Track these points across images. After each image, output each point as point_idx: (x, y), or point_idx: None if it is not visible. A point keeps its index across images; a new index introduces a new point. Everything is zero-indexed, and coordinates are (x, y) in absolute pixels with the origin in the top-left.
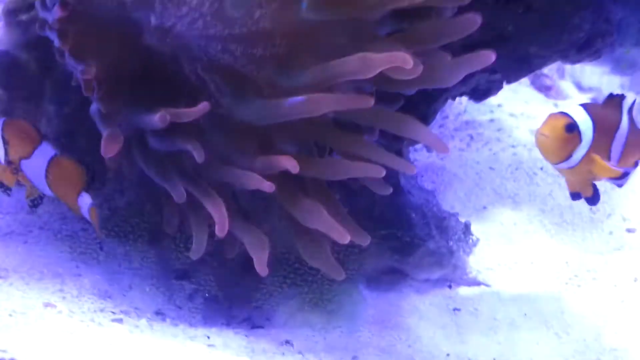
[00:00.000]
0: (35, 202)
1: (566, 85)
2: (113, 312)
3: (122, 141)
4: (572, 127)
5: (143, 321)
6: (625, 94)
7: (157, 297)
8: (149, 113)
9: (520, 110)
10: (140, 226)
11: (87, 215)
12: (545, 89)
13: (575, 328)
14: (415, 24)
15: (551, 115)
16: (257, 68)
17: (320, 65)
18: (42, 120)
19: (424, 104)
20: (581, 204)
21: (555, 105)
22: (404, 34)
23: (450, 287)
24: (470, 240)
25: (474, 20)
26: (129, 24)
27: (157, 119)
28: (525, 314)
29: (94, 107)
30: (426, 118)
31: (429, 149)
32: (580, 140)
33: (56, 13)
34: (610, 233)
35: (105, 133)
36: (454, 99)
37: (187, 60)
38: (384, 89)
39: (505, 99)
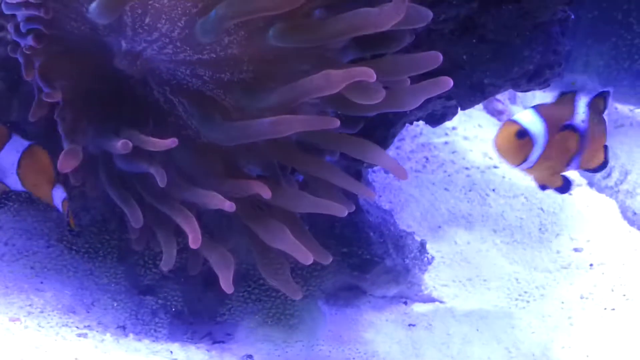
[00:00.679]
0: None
1: (517, 110)
2: (78, 327)
3: (80, 158)
4: (522, 134)
5: (107, 336)
6: (577, 91)
7: (123, 313)
8: (115, 136)
9: (474, 134)
10: (104, 243)
11: (59, 207)
12: (497, 113)
13: (524, 343)
14: (377, 51)
15: (504, 123)
16: (224, 92)
17: (286, 86)
18: None
19: (383, 128)
20: (530, 224)
21: None
22: (367, 62)
23: (406, 303)
24: (426, 259)
25: (437, 58)
26: (100, 48)
27: (120, 146)
28: (478, 329)
29: (59, 127)
30: (385, 141)
31: (386, 170)
32: (533, 142)
33: (30, 42)
34: (558, 252)
35: (65, 149)
36: (411, 123)
37: (156, 84)
38: (345, 113)
39: (460, 122)
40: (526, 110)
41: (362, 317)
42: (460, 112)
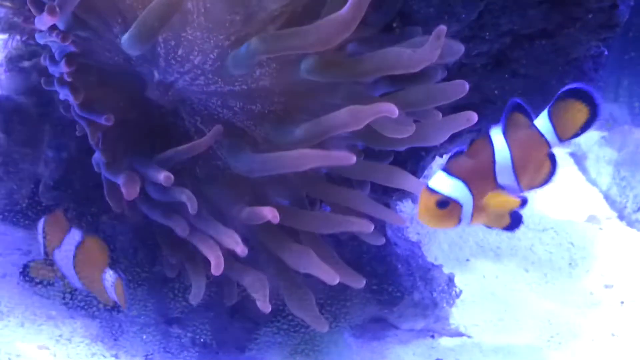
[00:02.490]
0: (69, 295)
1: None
2: (104, 356)
3: (139, 183)
4: (444, 203)
5: None
6: (489, 129)
7: (151, 344)
8: (152, 165)
9: None
10: (135, 274)
11: (112, 293)
12: None
13: None
14: (407, 86)
15: (422, 195)
16: (255, 123)
17: (313, 121)
18: (40, 164)
19: (413, 161)
20: (560, 258)
21: None
22: (396, 95)
23: (433, 337)
24: (454, 292)
25: (463, 87)
26: (133, 78)
27: (162, 178)
28: None
29: (96, 156)
30: (414, 174)
31: (414, 201)
32: (459, 204)
33: (63, 68)
34: (588, 288)
35: (122, 179)
36: (441, 156)
37: (187, 114)
38: (375, 147)
39: None
40: (438, 173)
41: (389, 350)
42: None
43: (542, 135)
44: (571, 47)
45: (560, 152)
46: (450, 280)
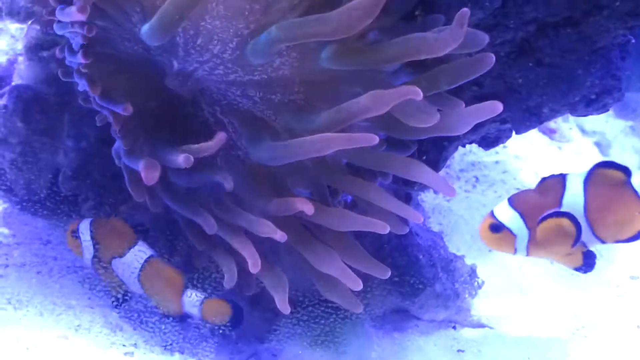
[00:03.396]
0: (120, 300)
1: (570, 128)
2: (124, 345)
3: (159, 168)
4: (496, 228)
5: (154, 355)
6: (566, 173)
7: (170, 334)
8: (171, 152)
9: (525, 153)
10: None
11: (193, 311)
12: (549, 132)
13: None
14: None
15: (485, 218)
16: (275, 113)
17: (334, 108)
18: (59, 154)
19: (435, 151)
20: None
21: (559, 148)
22: (418, 81)
23: (454, 328)
24: (476, 283)
25: (490, 59)
26: (153, 68)
27: (182, 160)
28: (529, 358)
29: (117, 145)
30: (436, 164)
31: (436, 191)
32: (513, 234)
33: (79, 59)
34: (614, 280)
35: (142, 164)
36: (464, 146)
37: (206, 103)
38: (397, 136)
39: (510, 140)
40: (503, 202)
41: (410, 341)
42: None
43: (637, 194)
44: (597, 35)
45: (585, 141)
46: (473, 271)
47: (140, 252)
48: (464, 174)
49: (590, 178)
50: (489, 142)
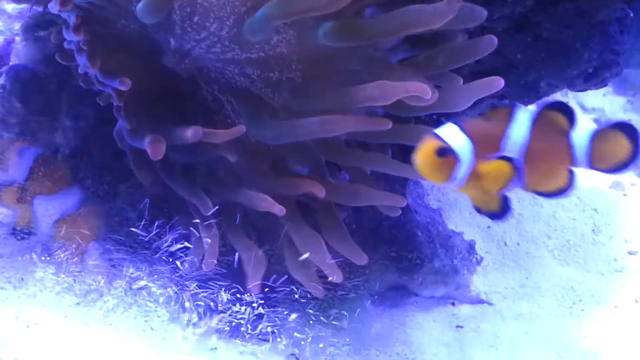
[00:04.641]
0: (20, 234)
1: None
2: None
3: (165, 143)
4: (444, 151)
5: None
6: (516, 104)
7: (174, 313)
8: (175, 128)
9: None
10: (152, 241)
11: None
12: None
13: (576, 348)
14: (428, 51)
15: (425, 139)
16: (273, 91)
17: (339, 90)
18: (57, 133)
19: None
20: (583, 225)
21: None
22: (417, 59)
23: (453, 304)
24: (474, 260)
25: (492, 42)
26: (150, 46)
27: (190, 133)
28: (527, 333)
29: (120, 125)
30: None
31: None
32: (457, 160)
33: (73, 36)
34: (612, 255)
35: (147, 140)
36: None
37: (204, 82)
38: (395, 114)
39: None
40: (449, 124)
41: (409, 317)
42: None
43: (572, 147)
44: (595, 9)
45: (584, 118)
46: (471, 247)
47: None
48: None
49: (538, 118)
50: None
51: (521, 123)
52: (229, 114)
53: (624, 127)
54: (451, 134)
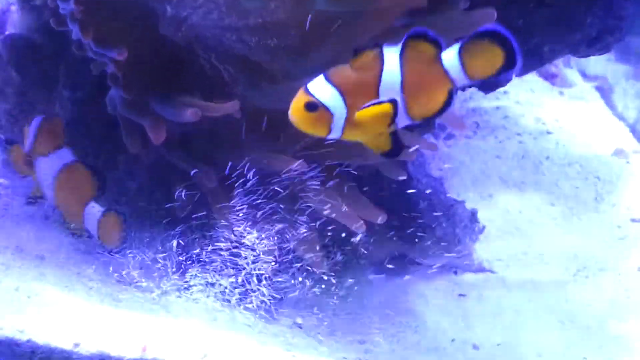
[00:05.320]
0: (34, 200)
1: (571, 73)
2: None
3: (165, 127)
4: (313, 106)
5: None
6: (382, 46)
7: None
8: (174, 105)
9: (526, 98)
10: (150, 211)
11: (91, 225)
12: (550, 77)
13: (579, 316)
14: (429, 16)
15: (297, 94)
16: (271, 58)
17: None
18: (55, 104)
19: None
20: (586, 193)
21: (561, 93)
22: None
23: (456, 273)
24: (477, 228)
25: (491, 16)
26: (146, 14)
27: (189, 114)
28: (530, 301)
29: (114, 93)
30: None
31: (436, 137)
32: (330, 112)
33: (71, 5)
34: (615, 222)
35: (147, 124)
36: (463, 90)
37: (201, 50)
38: None
39: (511, 86)
40: (319, 77)
41: (412, 287)
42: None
43: (446, 70)
44: None
45: (586, 86)
46: (473, 215)
47: (62, 156)
48: (465, 120)
49: (405, 53)
50: (489, 86)
51: (390, 64)
52: (226, 81)
53: (489, 34)
54: (319, 87)
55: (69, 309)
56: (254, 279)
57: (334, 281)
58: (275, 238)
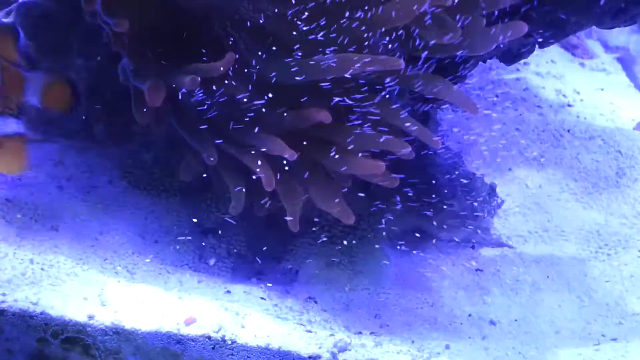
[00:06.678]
0: None
1: (593, 44)
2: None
3: (165, 91)
4: None
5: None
6: None
7: (186, 255)
8: (179, 72)
9: (547, 70)
10: (167, 184)
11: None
12: (572, 48)
13: (597, 292)
14: None
15: None
16: (289, 28)
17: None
18: (70, 73)
19: (454, 67)
20: (607, 167)
21: (582, 64)
22: None
23: (473, 248)
24: (495, 202)
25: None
26: None
27: (188, 81)
28: (548, 277)
29: (124, 62)
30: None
31: (454, 109)
32: None
33: None
34: (637, 198)
35: (147, 85)
36: (484, 61)
37: (217, 19)
38: (416, 54)
39: (532, 57)
40: None
41: (428, 261)
42: None
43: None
44: None
45: (608, 58)
46: (492, 189)
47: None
48: (483, 91)
49: None
50: (510, 57)
51: None
52: (242, 52)
53: None
54: None
55: (83, 281)
56: None
57: (349, 254)
58: None
